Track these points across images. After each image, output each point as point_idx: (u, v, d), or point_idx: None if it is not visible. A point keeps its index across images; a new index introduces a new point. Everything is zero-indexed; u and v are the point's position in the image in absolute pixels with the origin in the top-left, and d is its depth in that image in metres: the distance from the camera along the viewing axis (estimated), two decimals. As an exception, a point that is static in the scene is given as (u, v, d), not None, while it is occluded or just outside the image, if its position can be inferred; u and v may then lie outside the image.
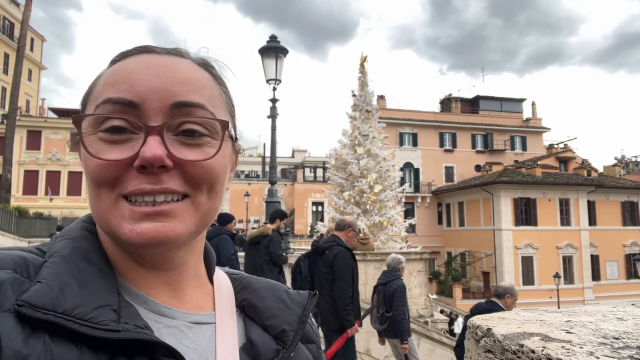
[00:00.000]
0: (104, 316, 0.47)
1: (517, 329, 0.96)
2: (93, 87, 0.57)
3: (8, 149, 26.24)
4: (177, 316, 0.57)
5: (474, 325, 1.04)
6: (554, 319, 1.08)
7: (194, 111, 0.54)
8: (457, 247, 35.57)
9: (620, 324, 1.03)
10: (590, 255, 32.34)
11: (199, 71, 0.59)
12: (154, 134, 0.51)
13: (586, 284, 31.83)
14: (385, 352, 8.32)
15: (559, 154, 37.42)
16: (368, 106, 16.06)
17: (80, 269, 0.51)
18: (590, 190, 32.45)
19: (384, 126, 16.75)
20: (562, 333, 0.93)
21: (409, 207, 34.84)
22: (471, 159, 39.34)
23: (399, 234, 14.81)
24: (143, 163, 0.50)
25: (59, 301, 0.46)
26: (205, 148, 0.55)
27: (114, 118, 0.52)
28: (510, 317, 1.10)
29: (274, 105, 8.79)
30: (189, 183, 0.54)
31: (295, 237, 31.66)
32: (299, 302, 0.67)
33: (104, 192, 0.52)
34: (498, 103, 42.19)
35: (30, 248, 0.55)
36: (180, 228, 0.53)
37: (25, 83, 39.67)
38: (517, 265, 30.68)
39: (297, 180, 39.31)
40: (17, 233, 22.59)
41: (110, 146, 0.52)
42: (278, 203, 8.92)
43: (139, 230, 0.51)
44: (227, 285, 0.68)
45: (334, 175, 15.66)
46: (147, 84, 0.53)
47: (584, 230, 32.14)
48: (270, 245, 6.06)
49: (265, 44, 8.85)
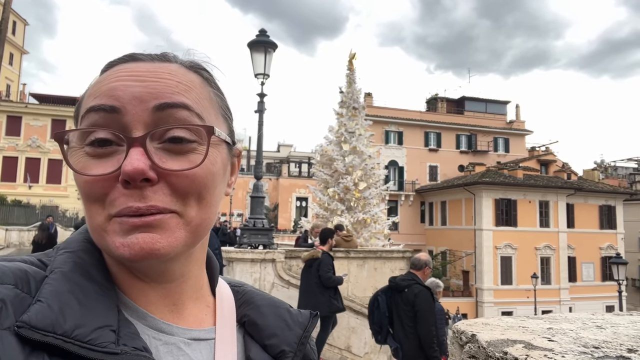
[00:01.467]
0: (103, 338, 0.47)
1: (500, 336, 0.98)
2: (82, 99, 0.56)
3: (-14, 134, 25.63)
4: (175, 332, 0.56)
5: (458, 331, 1.07)
6: (536, 326, 1.11)
7: (177, 112, 0.52)
8: (438, 246, 35.95)
9: (600, 333, 1.06)
10: (568, 256, 32.98)
11: (186, 74, 0.57)
12: (136, 145, 0.50)
13: (563, 285, 32.48)
14: (365, 348, 8.39)
15: (541, 157, 38.06)
16: (355, 103, 16.09)
17: (81, 286, 0.51)
18: (570, 194, 33.06)
19: (371, 124, 16.82)
20: (544, 341, 0.96)
21: (392, 205, 35.06)
22: (455, 159, 39.75)
23: (382, 231, 14.91)
24: (125, 178, 0.49)
25: (59, 322, 0.46)
26: (191, 156, 0.52)
27: (97, 130, 0.51)
28: (494, 323, 1.12)
29: (261, 100, 8.75)
30: (176, 196, 0.52)
31: (279, 232, 31.63)
32: (300, 323, 0.67)
33: (94, 208, 0.51)
34: (483, 104, 42.67)
35: (32, 259, 0.54)
36: (166, 241, 0.51)
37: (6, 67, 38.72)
38: (497, 265, 31.15)
39: (282, 175, 39.23)
40: (-7, 220, 22.13)
41: (96, 161, 0.51)
42: (263, 198, 8.90)
43: (130, 242, 0.50)
44: (229, 299, 0.67)
45: (319, 171, 15.67)
46: (127, 89, 0.52)
47: (562, 232, 32.75)
48: (320, 268, 6.13)
49: (254, 37, 8.80)
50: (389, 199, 26.75)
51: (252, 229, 8.34)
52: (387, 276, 9.60)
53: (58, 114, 33.38)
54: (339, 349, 8.33)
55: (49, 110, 33.25)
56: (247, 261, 7.90)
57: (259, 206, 8.70)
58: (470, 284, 32.13)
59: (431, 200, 37.55)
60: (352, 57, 16.62)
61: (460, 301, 30.78)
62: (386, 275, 9.60)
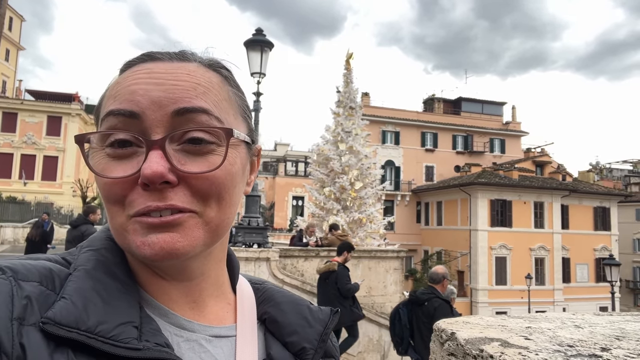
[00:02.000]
0: (126, 334, 0.48)
1: (479, 334, 1.01)
2: (102, 100, 0.57)
3: (-19, 130, 25.51)
4: (197, 329, 0.57)
5: (439, 329, 1.09)
6: (515, 325, 1.14)
7: (197, 117, 0.53)
8: (434, 246, 36.03)
9: (576, 332, 1.09)
10: (562, 257, 33.09)
11: (205, 74, 0.57)
12: (155, 148, 0.50)
13: (557, 286, 32.61)
14: (359, 347, 8.42)
15: (536, 158, 38.19)
16: (352, 103, 16.11)
17: (104, 284, 0.52)
18: (565, 195, 33.19)
19: (367, 123, 16.83)
20: (520, 339, 0.98)
21: (388, 205, 35.12)
22: (451, 159, 39.83)
23: (378, 231, 14.94)
24: (144, 181, 0.49)
25: (83, 318, 0.47)
26: (210, 157, 0.53)
27: (116, 132, 0.52)
28: (475, 322, 1.15)
29: (257, 99, 8.77)
30: (196, 197, 0.53)
31: (275, 230, 31.62)
32: (320, 320, 0.67)
33: (115, 210, 0.52)
34: (479, 105, 42.77)
35: (56, 257, 0.55)
36: (186, 240, 0.52)
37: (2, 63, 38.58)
38: (491, 265, 31.24)
39: (279, 174, 39.21)
40: (-12, 217, 22.03)
41: (116, 162, 0.52)
42: (258, 197, 8.91)
43: (150, 241, 0.50)
44: (250, 296, 0.68)
45: (316, 170, 15.69)
46: (146, 93, 0.52)
47: (556, 233, 32.86)
48: (338, 280, 6.32)
49: (251, 36, 8.81)
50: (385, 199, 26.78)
51: (247, 228, 8.36)
52: (381, 276, 9.65)
53: (54, 110, 33.24)
54: (333, 347, 8.37)
55: (44, 107, 33.12)
56: (242, 260, 7.91)
57: (254, 205, 8.71)
58: (465, 284, 32.22)
59: (427, 201, 37.62)
60: (349, 56, 16.64)
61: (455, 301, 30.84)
62: (380, 275, 9.64)
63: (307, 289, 8.34)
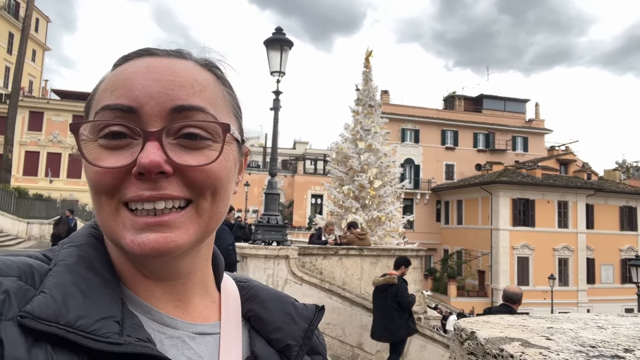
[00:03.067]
0: (107, 328, 0.47)
1: (499, 334, 1.00)
2: (95, 93, 0.57)
3: (10, 129, 26.23)
4: (180, 326, 0.57)
5: (459, 328, 1.09)
6: (536, 325, 1.12)
7: (193, 115, 0.53)
8: (454, 245, 35.67)
9: (599, 333, 1.07)
10: (586, 258, 32.42)
11: (201, 73, 0.57)
12: (152, 140, 0.50)
13: (580, 287, 31.96)
14: (377, 346, 8.40)
15: (560, 156, 37.44)
16: (371, 101, 16.03)
17: (85, 278, 0.51)
18: (590, 194, 32.47)
19: (387, 121, 16.73)
20: (542, 339, 0.97)
21: (408, 204, 34.91)
22: (472, 157, 39.33)
23: (397, 229, 14.85)
24: (140, 170, 0.49)
25: (62, 312, 0.46)
26: (206, 152, 0.54)
27: (112, 124, 0.52)
28: (495, 321, 1.14)
29: (277, 97, 8.80)
30: (191, 188, 0.53)
31: (294, 228, 31.75)
32: (305, 317, 0.66)
33: (104, 200, 0.52)
34: (502, 103, 42.11)
35: (36, 254, 0.55)
36: (181, 239, 0.52)
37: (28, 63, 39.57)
38: (513, 266, 30.78)
39: (298, 172, 39.32)
40: (16, 213, 22.65)
41: (109, 152, 0.51)
42: (277, 195, 8.96)
43: (140, 241, 0.50)
44: (234, 294, 0.67)
45: (334, 168, 15.67)
46: (145, 88, 0.52)
47: (581, 233, 32.20)
48: (398, 294, 6.40)
49: (270, 35, 8.85)
50: (405, 197, 26.64)
51: (266, 226, 8.41)
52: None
53: (79, 109, 33.93)
54: (351, 345, 8.37)
55: (70, 106, 33.85)
56: (261, 257, 7.97)
57: (273, 203, 8.76)
58: (485, 284, 31.82)
59: (447, 199, 37.24)
60: (368, 54, 16.56)
61: (475, 301, 30.51)
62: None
63: (325, 287, 8.36)
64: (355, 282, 9.20)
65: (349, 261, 9.29)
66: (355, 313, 8.48)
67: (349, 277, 9.18)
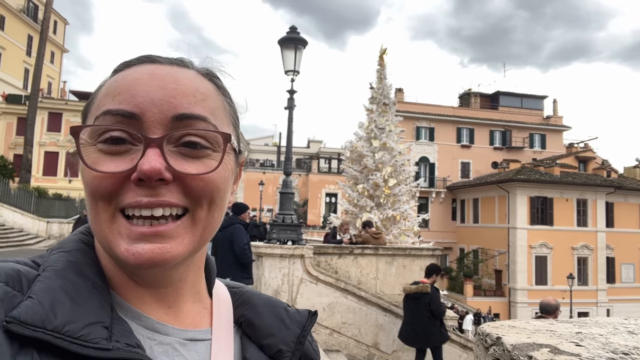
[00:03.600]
0: (95, 334, 0.46)
1: (526, 339, 0.97)
2: (94, 97, 0.57)
3: (29, 130, 26.73)
4: (171, 333, 0.56)
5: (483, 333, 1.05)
6: (564, 330, 1.08)
7: (195, 123, 0.53)
8: (470, 244, 35.33)
9: (631, 338, 1.03)
10: (606, 257, 31.86)
11: (203, 82, 0.58)
12: (153, 146, 0.50)
13: (600, 287, 31.41)
14: (394, 346, 8.35)
15: (579, 154, 36.78)
16: (385, 99, 15.95)
17: (73, 283, 0.50)
18: (609, 192, 31.88)
19: (401, 120, 16.61)
20: (571, 346, 0.93)
21: (423, 202, 34.69)
22: (488, 155, 38.89)
23: (412, 228, 14.76)
24: (140, 176, 0.49)
25: (49, 318, 0.45)
26: (206, 161, 0.54)
27: (113, 129, 0.51)
28: (521, 326, 1.10)
29: (291, 96, 8.79)
30: (189, 196, 0.53)
31: (308, 227, 31.78)
32: (297, 322, 0.66)
33: (101, 205, 0.51)
34: (518, 99, 41.53)
35: (25, 260, 0.55)
36: (177, 249, 0.52)
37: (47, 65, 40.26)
38: (531, 265, 30.38)
39: (312, 171, 39.36)
40: (36, 213, 23.09)
41: (108, 157, 0.51)
42: (292, 194, 8.95)
43: (135, 250, 0.50)
44: (226, 300, 0.67)
45: (349, 167, 15.63)
46: (148, 95, 0.52)
47: (600, 232, 31.64)
48: (431, 303, 6.47)
49: (285, 34, 8.84)
50: (420, 196, 26.47)
51: (281, 225, 8.41)
52: (416, 274, 9.52)
53: (96, 110, 34.41)
54: (367, 345, 8.33)
55: (87, 107, 34.36)
56: (276, 256, 7.98)
57: (288, 202, 8.76)
58: (503, 284, 31.46)
59: (463, 198, 36.89)
60: (382, 52, 16.47)
61: (492, 301, 30.20)
62: (415, 273, 9.51)
63: (340, 286, 8.33)
64: (371, 281, 9.15)
65: (364, 260, 9.24)
66: (370, 313, 8.44)
67: (364, 276, 9.14)
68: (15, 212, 21.47)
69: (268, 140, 59.42)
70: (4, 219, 20.56)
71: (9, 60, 39.18)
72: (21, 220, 21.59)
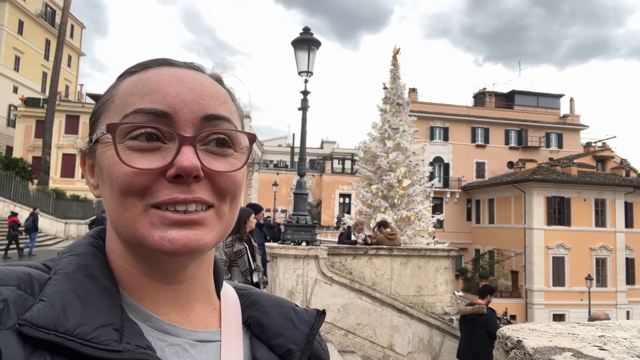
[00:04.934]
0: (106, 336, 0.48)
1: (548, 343, 0.95)
2: (112, 96, 0.58)
3: (47, 132, 27.20)
4: (181, 334, 0.57)
5: (503, 336, 1.03)
6: (587, 333, 1.06)
7: (221, 124, 0.56)
8: (485, 245, 34.95)
9: (656, 342, 1.00)
10: (626, 258, 31.24)
11: (219, 87, 0.60)
12: (187, 144, 0.52)
13: (619, 288, 30.81)
14: (409, 347, 8.30)
15: (597, 153, 36.13)
16: (399, 99, 15.87)
17: (84, 286, 0.51)
18: (629, 192, 31.25)
19: (415, 120, 16.52)
20: (595, 350, 0.91)
21: (437, 202, 34.41)
22: (504, 155, 38.44)
23: (427, 229, 14.66)
24: (180, 172, 0.51)
25: (61, 320, 0.47)
26: (230, 159, 0.56)
27: (147, 127, 0.53)
28: (542, 329, 1.08)
29: (305, 97, 8.80)
30: (216, 193, 0.55)
31: (322, 228, 31.77)
32: (306, 321, 0.66)
33: (131, 201, 0.52)
34: (534, 98, 40.97)
35: (36, 264, 0.56)
36: (209, 236, 0.54)
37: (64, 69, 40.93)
38: (548, 266, 29.93)
39: (325, 172, 39.35)
40: (54, 214, 23.48)
41: (139, 154, 0.52)
42: (306, 195, 8.96)
43: (171, 237, 0.51)
44: (235, 301, 0.68)
45: (363, 167, 15.58)
46: (179, 96, 0.54)
47: (619, 232, 31.03)
48: (488, 324, 6.47)
49: (298, 35, 8.86)
50: (434, 196, 26.26)
51: (295, 225, 8.42)
52: (431, 275, 9.46)
53: (112, 113, 34.86)
54: (382, 346, 8.30)
55: (104, 110, 34.86)
56: (291, 257, 7.99)
57: (302, 203, 8.77)
58: (519, 285, 31.05)
59: (478, 198, 36.52)
60: (396, 52, 16.39)
61: (508, 302, 29.82)
62: (430, 274, 9.45)
63: (355, 287, 8.31)
64: (386, 282, 9.11)
65: (378, 261, 9.20)
66: (385, 314, 8.40)
67: (378, 277, 9.10)
68: (34, 213, 21.85)
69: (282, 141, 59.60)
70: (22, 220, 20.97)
71: (27, 64, 39.95)
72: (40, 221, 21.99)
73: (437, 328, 8.68)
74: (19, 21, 38.42)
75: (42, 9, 41.22)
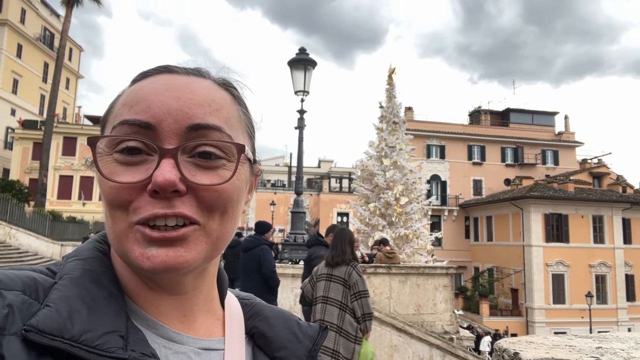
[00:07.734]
0: (111, 343, 0.47)
1: (545, 354, 0.94)
2: (112, 107, 0.58)
3: (45, 154, 27.23)
4: (186, 342, 0.57)
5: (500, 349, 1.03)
6: (584, 345, 1.05)
7: (210, 134, 0.54)
8: (484, 263, 34.80)
9: (654, 353, 0.99)
10: (625, 274, 31.13)
11: (219, 92, 0.58)
12: (168, 157, 0.51)
13: (620, 305, 30.61)
14: (408, 367, 8.19)
15: (593, 169, 36.33)
16: (395, 118, 16.01)
17: (90, 292, 0.51)
18: (626, 208, 31.32)
19: (411, 138, 16.65)
20: (592, 361, 0.90)
21: (435, 220, 34.36)
22: (500, 172, 38.61)
23: (425, 247, 14.62)
24: (155, 188, 0.49)
25: (67, 327, 0.46)
26: (220, 171, 0.54)
27: (129, 140, 0.52)
28: (539, 341, 1.07)
29: (301, 116, 8.87)
30: (202, 208, 0.53)
31: (320, 247, 31.53)
32: (309, 336, 0.66)
33: (118, 215, 0.52)
34: (529, 116, 41.38)
35: (40, 268, 0.55)
36: (190, 255, 0.52)
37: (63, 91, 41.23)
38: (548, 283, 29.77)
39: (323, 191, 39.33)
40: (50, 236, 23.31)
41: (124, 168, 0.52)
42: (304, 213, 8.95)
43: (150, 254, 0.50)
44: (238, 311, 0.67)
45: (360, 186, 15.61)
46: (163, 105, 0.53)
47: (618, 249, 30.99)
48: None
49: (294, 56, 8.97)
50: (432, 214, 26.24)
51: (292, 244, 8.39)
52: (430, 293, 9.39)
53: (110, 134, 34.96)
54: (382, 367, 8.18)
55: (101, 131, 34.97)
56: (288, 276, 7.93)
57: (299, 221, 8.75)
58: (519, 303, 30.82)
59: (476, 215, 36.52)
60: (391, 71, 16.61)
61: (509, 320, 29.56)
62: (429, 292, 9.38)
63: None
64: (384, 300, 9.03)
65: (377, 279, 9.14)
66: (384, 333, 8.31)
67: (377, 295, 9.03)
68: (30, 235, 21.70)
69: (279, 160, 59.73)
70: (19, 242, 20.78)
71: (25, 87, 40.20)
72: (36, 243, 21.80)
73: (438, 347, 8.58)
74: (17, 45, 38.80)
75: (40, 33, 41.68)
